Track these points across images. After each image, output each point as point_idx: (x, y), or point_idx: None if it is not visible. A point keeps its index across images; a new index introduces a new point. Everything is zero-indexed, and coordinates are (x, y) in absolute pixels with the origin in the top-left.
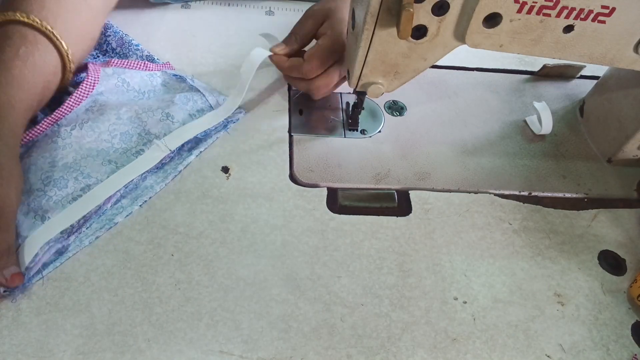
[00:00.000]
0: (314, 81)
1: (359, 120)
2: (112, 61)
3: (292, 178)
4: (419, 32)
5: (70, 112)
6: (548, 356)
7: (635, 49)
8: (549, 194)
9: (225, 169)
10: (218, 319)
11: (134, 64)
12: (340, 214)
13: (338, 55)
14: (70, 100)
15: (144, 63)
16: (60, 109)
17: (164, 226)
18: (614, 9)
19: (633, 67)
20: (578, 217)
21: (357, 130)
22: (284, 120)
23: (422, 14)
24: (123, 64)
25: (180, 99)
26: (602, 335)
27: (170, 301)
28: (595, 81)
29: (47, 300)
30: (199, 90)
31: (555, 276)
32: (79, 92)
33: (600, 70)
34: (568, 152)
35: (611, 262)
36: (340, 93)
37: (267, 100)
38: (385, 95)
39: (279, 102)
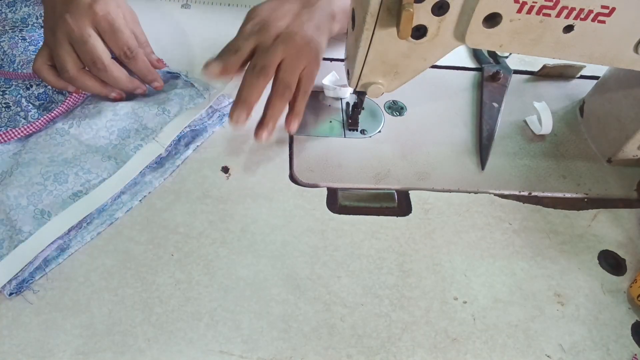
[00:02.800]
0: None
1: (359, 120)
2: None
3: (292, 178)
4: (419, 32)
5: (67, 111)
6: (548, 356)
7: (635, 49)
8: (549, 194)
9: (225, 169)
10: (218, 319)
11: None
12: (340, 214)
13: (305, 59)
14: (69, 100)
15: None
16: (59, 107)
17: (164, 226)
18: (614, 9)
19: (633, 67)
20: (578, 217)
21: (357, 130)
22: (284, 120)
23: (422, 14)
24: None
25: (176, 95)
26: (602, 335)
27: (170, 301)
28: (595, 81)
29: (47, 300)
30: (193, 85)
31: (555, 276)
32: (75, 95)
33: (600, 70)
34: (568, 152)
35: (611, 262)
36: None
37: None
38: (385, 95)
39: None
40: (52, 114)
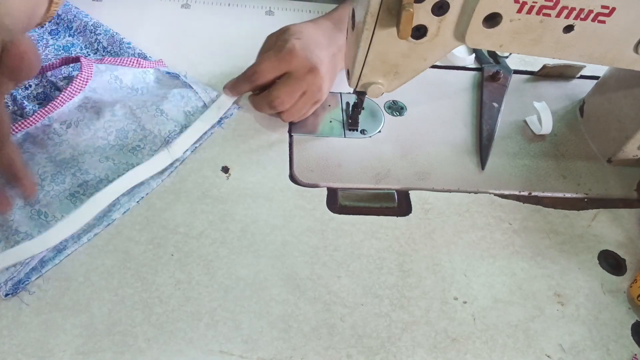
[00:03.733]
0: (285, 112)
1: (359, 120)
2: (105, 59)
3: (292, 178)
4: (419, 32)
5: (62, 106)
6: (548, 356)
7: (635, 49)
8: (549, 194)
9: (225, 169)
10: (218, 319)
11: (126, 61)
12: (340, 214)
13: (307, 84)
14: (63, 95)
15: (137, 60)
16: (53, 102)
17: (164, 226)
18: (614, 9)
19: (633, 67)
20: (578, 217)
21: (357, 130)
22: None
23: (422, 14)
24: (116, 61)
25: (173, 96)
26: (602, 335)
27: (170, 301)
28: (595, 81)
29: (47, 300)
30: (192, 87)
31: (555, 276)
32: (71, 87)
33: (600, 70)
34: (568, 152)
35: (611, 262)
36: (340, 93)
37: None
38: (385, 95)
39: None
40: (47, 109)
